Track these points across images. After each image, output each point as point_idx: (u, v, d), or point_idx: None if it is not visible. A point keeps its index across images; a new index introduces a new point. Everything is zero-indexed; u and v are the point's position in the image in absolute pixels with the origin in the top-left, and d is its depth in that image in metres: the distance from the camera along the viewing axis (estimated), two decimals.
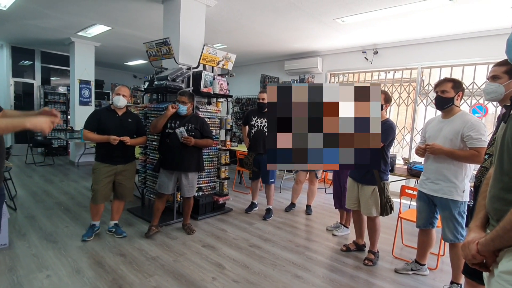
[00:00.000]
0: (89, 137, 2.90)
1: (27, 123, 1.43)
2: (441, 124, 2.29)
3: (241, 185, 5.83)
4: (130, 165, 3.08)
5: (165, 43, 3.54)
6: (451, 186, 2.21)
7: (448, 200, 2.22)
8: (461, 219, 2.23)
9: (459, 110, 2.25)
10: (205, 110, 3.74)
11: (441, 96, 2.23)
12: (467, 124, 2.13)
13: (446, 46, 4.89)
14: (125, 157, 3.00)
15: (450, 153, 2.18)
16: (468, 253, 0.97)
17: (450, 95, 2.20)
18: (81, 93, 6.86)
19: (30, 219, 3.43)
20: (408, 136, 5.49)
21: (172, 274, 2.44)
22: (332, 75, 6.58)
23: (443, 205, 2.26)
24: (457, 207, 2.21)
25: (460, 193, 2.19)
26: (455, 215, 2.21)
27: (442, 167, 2.25)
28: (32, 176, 5.55)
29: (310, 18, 4.41)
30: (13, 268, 2.39)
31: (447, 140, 2.20)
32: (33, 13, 4.90)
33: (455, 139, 2.17)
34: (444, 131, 2.25)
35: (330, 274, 2.60)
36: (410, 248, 3.19)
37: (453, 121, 2.22)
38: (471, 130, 2.10)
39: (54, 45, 7.22)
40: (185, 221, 3.38)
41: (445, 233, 2.28)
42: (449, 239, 2.26)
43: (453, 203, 2.21)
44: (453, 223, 2.23)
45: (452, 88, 2.20)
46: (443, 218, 2.30)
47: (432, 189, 2.30)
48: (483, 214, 1.06)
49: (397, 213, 3.12)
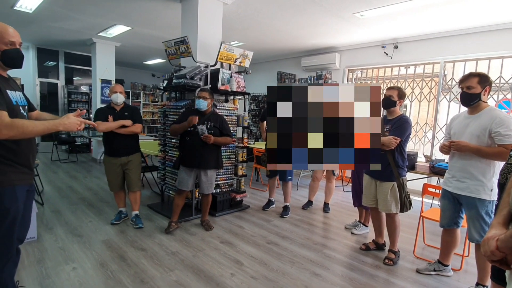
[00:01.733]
0: None
1: (60, 127, 1.55)
2: (468, 120, 2.20)
3: (258, 183, 5.84)
4: (134, 157, 3.26)
5: (183, 42, 3.59)
6: (478, 184, 2.12)
7: (474, 199, 2.13)
8: (488, 219, 2.13)
9: (487, 105, 2.15)
10: (223, 107, 3.76)
11: (467, 92, 2.14)
12: (495, 119, 2.03)
13: (470, 38, 4.69)
14: (127, 149, 3.20)
15: (477, 150, 2.08)
16: (488, 249, 0.94)
17: (477, 91, 2.10)
18: (102, 92, 7.06)
19: (56, 214, 3.58)
20: (430, 132, 5.32)
21: (191, 269, 2.49)
22: (350, 71, 6.46)
23: (469, 204, 2.18)
24: (485, 206, 2.12)
25: (488, 191, 2.10)
26: (482, 215, 2.13)
27: (469, 165, 2.16)
28: (57, 173, 5.78)
29: (328, 13, 4.34)
30: (41, 260, 2.51)
31: (474, 137, 2.11)
32: (57, 15, 5.08)
33: (483, 135, 2.08)
34: (470, 127, 2.15)
35: (349, 272, 2.57)
36: (432, 248, 3.10)
37: (480, 117, 2.12)
38: (500, 126, 2.00)
39: (76, 46, 7.47)
40: (204, 218, 3.43)
41: (471, 233, 2.20)
42: (475, 240, 2.18)
43: (480, 202, 2.12)
44: (479, 223, 2.14)
45: (478, 83, 2.09)
46: (469, 217, 2.21)
47: (458, 188, 2.22)
48: (506, 211, 1.02)
49: (418, 212, 3.05)
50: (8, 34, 1.56)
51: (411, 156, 3.65)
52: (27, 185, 1.71)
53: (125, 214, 3.40)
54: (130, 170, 3.22)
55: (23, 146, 1.63)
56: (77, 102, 8.13)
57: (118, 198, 3.40)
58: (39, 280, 2.22)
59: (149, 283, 2.26)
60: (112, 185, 3.27)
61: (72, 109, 8.06)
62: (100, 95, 7.04)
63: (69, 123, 1.56)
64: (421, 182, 3.51)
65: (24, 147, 1.64)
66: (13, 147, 1.58)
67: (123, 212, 3.39)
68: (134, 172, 3.26)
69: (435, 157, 4.47)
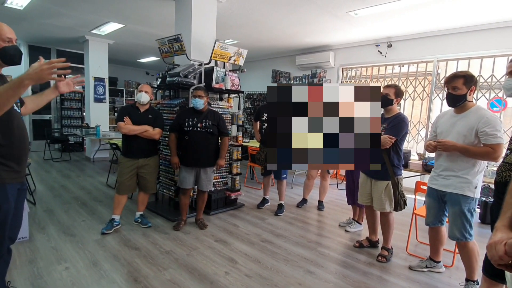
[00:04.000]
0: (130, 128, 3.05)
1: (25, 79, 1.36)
2: (454, 119, 2.21)
3: (253, 181, 5.84)
4: (152, 159, 3.18)
5: (177, 40, 3.56)
6: (463, 181, 2.15)
7: (459, 195, 2.16)
8: (470, 217, 2.16)
9: (473, 105, 2.16)
10: (217, 106, 3.75)
11: (452, 93, 2.14)
12: (482, 119, 2.04)
13: (463, 37, 4.74)
14: (147, 151, 3.13)
15: (464, 149, 2.10)
16: (495, 254, 0.91)
17: (462, 92, 2.11)
18: (95, 90, 6.99)
19: (48, 213, 3.55)
20: (423, 131, 5.36)
21: (185, 267, 2.48)
22: (344, 69, 6.48)
23: (453, 201, 2.20)
24: (468, 204, 2.15)
25: (472, 189, 2.13)
26: (464, 212, 2.15)
27: (454, 163, 2.19)
28: (50, 172, 5.71)
29: (322, 11, 4.35)
30: (33, 260, 2.48)
31: (461, 136, 2.13)
32: (49, 12, 5.01)
33: (470, 134, 2.09)
34: (457, 127, 2.17)
35: (343, 270, 2.58)
36: (424, 245, 3.13)
37: (467, 116, 2.13)
38: (486, 126, 2.02)
39: (69, 44, 7.37)
40: (198, 216, 3.43)
41: (452, 231, 2.23)
42: (456, 237, 2.21)
43: (464, 199, 2.15)
44: (461, 220, 2.17)
45: (464, 84, 2.10)
46: (451, 214, 2.24)
47: (443, 184, 2.25)
48: (511, 214, 1.01)
49: (411, 210, 3.08)
50: (5, 31, 1.56)
51: (405, 154, 3.67)
52: (18, 183, 1.70)
53: (117, 223, 3.15)
54: (147, 173, 3.15)
55: (14, 143, 1.61)
56: (69, 100, 8.03)
57: (118, 203, 3.13)
58: (31, 280, 2.20)
59: (142, 282, 2.25)
60: (122, 186, 3.09)
61: (65, 107, 7.97)
62: (94, 93, 6.98)
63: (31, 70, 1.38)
64: (414, 179, 3.54)
65: (15, 145, 1.61)
66: (6, 145, 1.56)
67: (115, 220, 3.14)
68: (152, 175, 3.20)
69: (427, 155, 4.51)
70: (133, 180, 3.15)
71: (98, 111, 7.11)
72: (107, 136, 6.02)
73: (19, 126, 1.65)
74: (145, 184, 3.19)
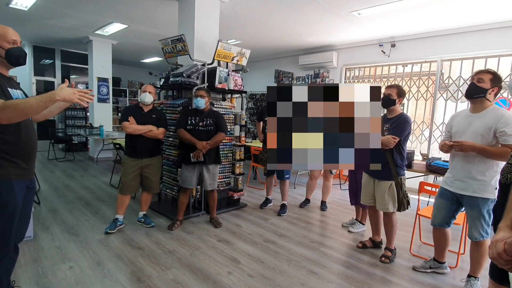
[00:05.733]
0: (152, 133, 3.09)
1: (56, 96, 1.49)
2: (470, 119, 2.17)
3: (256, 181, 5.84)
4: (155, 159, 3.19)
5: (180, 40, 3.57)
6: (481, 183, 2.11)
7: (478, 198, 2.12)
8: (488, 218, 2.14)
9: (491, 104, 2.12)
10: (220, 106, 3.76)
11: (475, 83, 2.09)
12: (501, 119, 2.00)
13: (467, 37, 4.71)
14: (149, 151, 3.13)
15: (481, 150, 2.05)
16: (495, 251, 0.94)
17: (485, 86, 2.06)
18: (99, 90, 7.02)
19: (53, 213, 3.57)
20: (427, 131, 5.34)
21: (188, 267, 2.49)
22: (347, 69, 6.47)
23: (471, 204, 2.17)
24: (487, 206, 2.12)
25: (491, 190, 2.09)
26: (483, 214, 2.13)
27: (471, 164, 2.14)
28: (54, 171, 5.75)
29: (326, 11, 4.34)
30: (38, 259, 2.50)
31: (478, 136, 2.08)
32: (53, 12, 5.04)
33: (487, 134, 2.05)
34: (473, 126, 2.12)
35: (346, 270, 2.58)
36: (428, 245, 3.12)
37: (484, 116, 2.09)
38: (506, 126, 1.97)
39: (73, 44, 7.42)
40: (212, 215, 3.48)
41: (471, 231, 2.21)
42: (474, 237, 2.19)
43: (483, 202, 2.11)
44: (481, 222, 2.14)
45: (490, 80, 2.06)
46: (470, 216, 2.21)
47: (461, 188, 2.20)
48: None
49: (414, 210, 3.06)
50: (10, 34, 1.62)
51: (408, 154, 3.66)
52: (26, 180, 1.72)
53: (121, 222, 3.16)
54: (151, 173, 3.15)
55: (21, 141, 1.63)
56: None
57: (121, 203, 3.13)
58: (36, 279, 2.21)
59: (146, 281, 2.25)
60: (125, 187, 3.09)
61: (69, 107, 8.00)
62: (97, 94, 7.01)
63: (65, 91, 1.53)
64: (417, 180, 3.53)
65: (22, 142, 1.64)
66: (13, 142, 1.60)
67: (119, 220, 3.15)
68: (155, 175, 3.21)
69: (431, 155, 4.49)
70: (137, 180, 3.15)
71: (102, 111, 7.14)
72: (110, 136, 6.05)
73: (26, 124, 1.68)
74: (148, 184, 3.20)
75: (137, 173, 3.11)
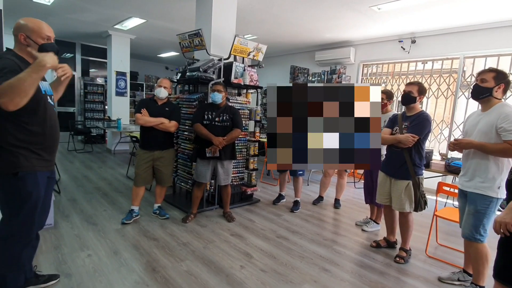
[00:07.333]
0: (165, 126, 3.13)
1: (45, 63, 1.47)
2: (479, 118, 2.16)
3: (269, 177, 5.85)
4: (167, 152, 3.23)
5: (197, 35, 3.59)
6: (481, 181, 2.07)
7: (478, 195, 2.09)
8: (484, 217, 2.07)
9: (498, 102, 2.08)
10: (235, 101, 3.76)
11: (479, 84, 2.09)
12: (501, 115, 1.98)
13: (492, 33, 4.52)
14: (162, 144, 3.17)
15: (480, 146, 2.05)
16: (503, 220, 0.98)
17: (489, 85, 2.05)
18: (117, 84, 7.17)
19: (72, 202, 3.69)
20: (446, 130, 5.19)
21: (202, 260, 2.52)
22: (365, 65, 6.34)
23: (471, 200, 2.14)
24: (485, 204, 2.07)
25: (494, 189, 2.04)
26: (479, 210, 2.08)
27: (473, 161, 2.13)
28: (73, 162, 5.93)
29: (345, 6, 4.26)
30: (58, 246, 2.59)
31: (482, 134, 2.07)
32: (74, 7, 5.16)
33: (490, 132, 2.03)
34: (479, 124, 2.12)
35: (359, 269, 2.55)
36: (445, 247, 3.05)
37: (490, 114, 2.07)
38: (504, 122, 1.95)
39: (93, 38, 7.59)
40: (225, 209, 3.52)
41: (463, 228, 2.20)
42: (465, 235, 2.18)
43: (482, 199, 2.07)
44: (473, 218, 2.11)
45: (493, 78, 2.04)
46: (466, 212, 2.18)
47: (466, 185, 2.19)
48: None
49: (431, 211, 2.99)
50: (44, 30, 1.67)
51: (426, 153, 3.57)
52: (48, 171, 1.78)
53: (136, 213, 3.24)
54: (162, 165, 3.19)
55: (47, 134, 1.70)
56: (92, 94, 8.29)
57: (136, 195, 3.21)
58: (56, 265, 2.30)
59: (160, 272, 2.30)
60: (139, 178, 3.16)
61: (88, 100, 8.23)
62: (115, 87, 7.15)
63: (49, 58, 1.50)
64: (435, 180, 3.44)
65: (48, 135, 1.71)
66: (39, 133, 1.66)
67: (134, 211, 3.23)
68: (167, 168, 3.25)
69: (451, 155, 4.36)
70: (149, 172, 3.20)
71: (120, 105, 7.29)
72: (127, 129, 6.18)
73: (52, 117, 1.74)
74: (160, 176, 3.24)
75: (149, 165, 3.16)
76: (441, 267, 2.67)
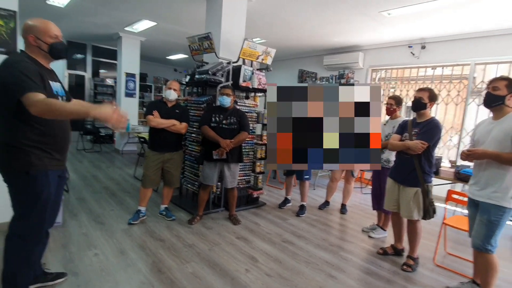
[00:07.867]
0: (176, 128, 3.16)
1: (92, 111, 1.48)
2: (491, 126, 2.12)
3: (275, 180, 5.84)
4: (177, 154, 3.26)
5: (207, 38, 3.62)
6: (495, 191, 2.03)
7: (491, 205, 2.04)
8: (496, 228, 2.04)
9: (511, 110, 2.05)
10: (243, 104, 3.78)
11: (491, 92, 2.07)
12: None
13: (504, 40, 4.45)
14: (172, 146, 3.20)
15: (495, 156, 2.01)
16: None
17: (501, 93, 2.02)
18: (127, 85, 7.25)
19: (80, 201, 3.73)
20: (456, 137, 5.12)
21: (207, 262, 2.53)
22: (373, 70, 6.31)
23: (483, 209, 2.10)
24: (499, 214, 2.02)
25: (508, 199, 2.00)
26: (492, 221, 2.03)
27: (487, 171, 2.09)
28: (82, 162, 6.01)
29: (354, 10, 4.25)
30: (66, 245, 2.63)
31: (496, 143, 2.03)
32: (88, 10, 5.26)
33: (505, 140, 1.99)
34: (493, 133, 2.08)
35: (366, 276, 2.53)
36: (453, 256, 3.00)
37: (504, 122, 2.04)
38: None
39: (103, 40, 7.70)
40: (231, 212, 3.52)
41: (473, 237, 2.15)
42: (475, 245, 2.13)
43: (496, 209, 2.02)
44: (486, 229, 2.06)
45: (506, 86, 2.02)
46: (477, 221, 2.13)
47: (478, 194, 2.14)
48: None
49: (440, 219, 2.95)
50: (52, 29, 1.70)
51: (436, 160, 3.53)
52: (59, 170, 1.81)
53: (143, 214, 3.26)
54: (172, 167, 3.22)
55: (57, 134, 1.73)
56: (102, 94, 8.41)
57: (144, 196, 3.23)
58: (63, 263, 2.33)
59: (166, 273, 2.31)
60: (147, 180, 3.17)
61: (98, 101, 8.34)
62: (125, 88, 7.24)
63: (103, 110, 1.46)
64: (444, 188, 3.40)
65: (58, 135, 1.73)
66: (50, 134, 1.69)
67: (141, 211, 3.24)
68: (176, 169, 3.28)
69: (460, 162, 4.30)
70: (158, 174, 3.22)
71: (128, 106, 7.37)
72: (136, 130, 6.23)
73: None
74: (169, 178, 3.27)
75: (159, 167, 3.19)
76: (449, 276, 2.63)
